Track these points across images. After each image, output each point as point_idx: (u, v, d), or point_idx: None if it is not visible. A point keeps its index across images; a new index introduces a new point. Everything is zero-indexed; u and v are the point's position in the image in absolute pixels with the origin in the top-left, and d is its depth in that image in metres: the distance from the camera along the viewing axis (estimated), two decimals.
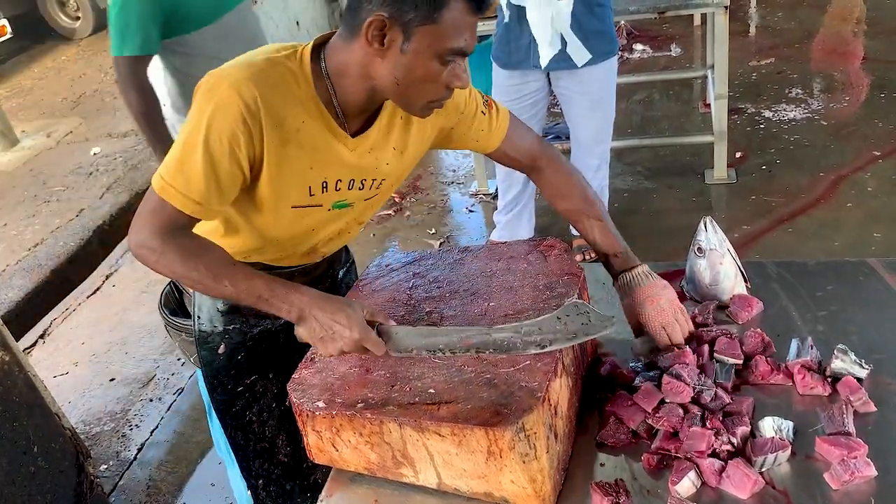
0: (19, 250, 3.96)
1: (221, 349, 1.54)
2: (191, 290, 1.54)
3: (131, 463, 2.75)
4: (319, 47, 1.29)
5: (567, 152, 3.28)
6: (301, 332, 1.28)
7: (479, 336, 1.19)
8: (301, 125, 1.27)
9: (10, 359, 2.12)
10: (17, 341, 2.24)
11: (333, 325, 1.23)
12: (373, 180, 1.40)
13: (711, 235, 1.52)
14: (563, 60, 2.74)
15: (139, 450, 2.81)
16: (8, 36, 8.05)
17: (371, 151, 1.37)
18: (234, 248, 1.41)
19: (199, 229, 1.37)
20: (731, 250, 1.51)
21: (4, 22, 8.02)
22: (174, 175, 1.23)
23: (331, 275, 1.67)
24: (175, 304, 1.63)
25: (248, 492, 1.68)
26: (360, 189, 1.40)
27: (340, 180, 1.36)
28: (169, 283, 1.67)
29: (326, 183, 1.35)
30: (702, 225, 1.54)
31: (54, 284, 3.53)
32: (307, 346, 1.60)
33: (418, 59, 1.19)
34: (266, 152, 1.25)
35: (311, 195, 1.34)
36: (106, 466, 2.75)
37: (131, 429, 2.92)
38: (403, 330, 1.25)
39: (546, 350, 1.17)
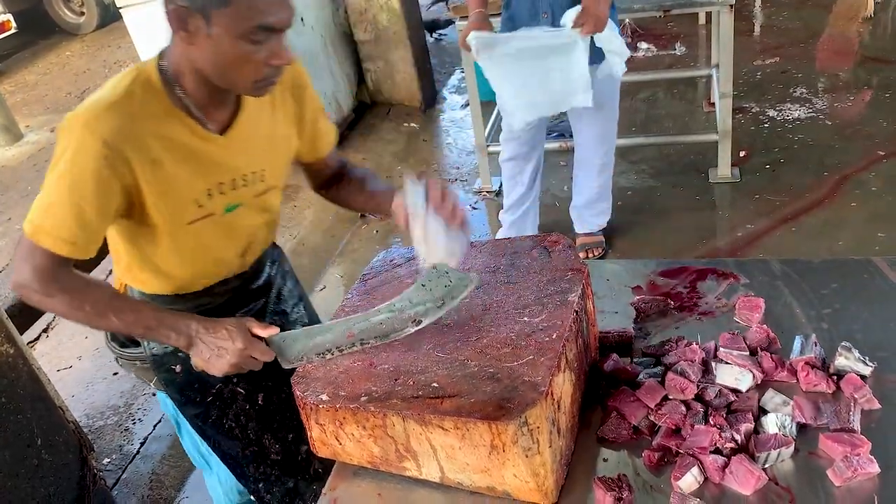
0: None
1: (178, 368, 1.54)
2: None
3: (134, 456, 2.76)
4: (162, 58, 1.32)
5: (571, 151, 3.28)
6: (193, 359, 1.33)
7: (359, 324, 1.28)
8: (168, 143, 1.29)
9: (15, 352, 2.12)
10: (21, 335, 2.24)
11: (217, 341, 1.28)
12: (252, 173, 1.42)
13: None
14: None
15: (142, 444, 2.81)
16: (12, 31, 8.08)
17: (244, 144, 1.39)
18: (166, 281, 1.46)
19: (124, 270, 1.46)
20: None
21: (9, 17, 8.05)
22: (43, 218, 1.25)
23: (260, 273, 1.65)
24: (124, 337, 1.60)
25: (252, 497, 1.68)
26: (244, 186, 1.41)
27: (223, 183, 1.38)
28: None
29: (210, 191, 1.37)
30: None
31: None
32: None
33: (225, 41, 1.20)
34: (141, 180, 1.27)
35: (199, 206, 1.36)
36: (109, 460, 2.76)
37: (134, 423, 2.93)
38: (291, 336, 1.31)
39: (423, 326, 1.26)
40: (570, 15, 2.49)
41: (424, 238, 1.30)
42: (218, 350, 1.28)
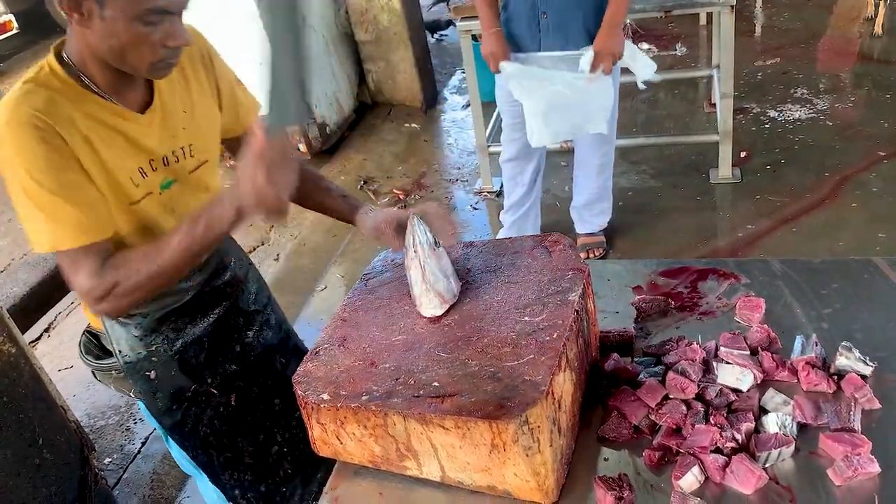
0: (25, 245, 3.97)
1: (153, 374, 1.53)
2: (105, 329, 1.51)
3: (135, 456, 2.76)
4: (60, 52, 1.30)
5: (571, 151, 3.28)
6: (256, 215, 1.24)
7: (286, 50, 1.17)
8: (93, 121, 1.28)
9: (17, 351, 2.13)
10: (23, 334, 2.25)
11: (243, 181, 1.20)
12: (180, 149, 1.42)
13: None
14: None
15: (143, 443, 2.82)
16: (14, 31, 8.08)
17: (164, 121, 1.39)
18: None
19: None
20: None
21: (10, 17, 8.05)
22: (46, 228, 1.24)
23: (224, 269, 1.64)
24: (98, 350, 1.59)
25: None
26: (176, 162, 1.42)
27: (153, 160, 1.38)
28: (84, 333, 1.63)
29: (142, 168, 1.36)
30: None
31: (59, 278, 3.52)
32: (234, 346, 1.64)
33: (119, 23, 1.19)
34: (80, 156, 1.26)
35: (136, 185, 1.36)
36: (110, 459, 2.76)
37: (135, 422, 2.93)
38: (277, 101, 1.20)
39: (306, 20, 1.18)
40: (587, 58, 2.59)
41: (422, 280, 1.32)
42: (251, 182, 1.18)
